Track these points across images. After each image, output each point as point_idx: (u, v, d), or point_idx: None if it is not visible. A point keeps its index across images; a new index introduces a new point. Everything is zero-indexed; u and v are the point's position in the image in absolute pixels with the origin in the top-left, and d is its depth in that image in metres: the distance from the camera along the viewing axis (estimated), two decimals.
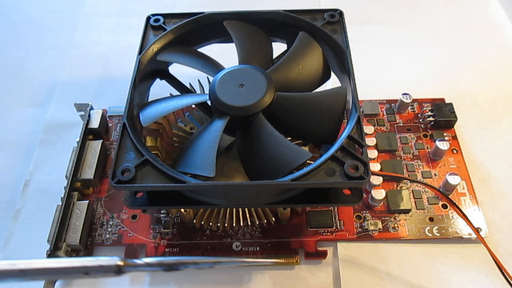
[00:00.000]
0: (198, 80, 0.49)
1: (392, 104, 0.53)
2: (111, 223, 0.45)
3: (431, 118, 0.50)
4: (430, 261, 0.42)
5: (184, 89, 0.46)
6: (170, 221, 0.44)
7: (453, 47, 0.61)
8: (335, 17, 0.45)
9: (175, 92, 0.46)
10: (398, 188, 0.46)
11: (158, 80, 0.46)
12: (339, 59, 0.43)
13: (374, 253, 0.43)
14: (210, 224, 0.42)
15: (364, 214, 0.45)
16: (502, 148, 0.50)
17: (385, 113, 0.52)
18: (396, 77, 0.57)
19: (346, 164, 0.34)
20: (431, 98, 0.53)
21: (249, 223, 0.43)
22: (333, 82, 0.45)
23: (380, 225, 0.44)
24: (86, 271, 0.22)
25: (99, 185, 0.47)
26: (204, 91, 0.48)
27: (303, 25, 0.44)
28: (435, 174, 0.47)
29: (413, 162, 0.48)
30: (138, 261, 0.23)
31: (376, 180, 0.45)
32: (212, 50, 0.46)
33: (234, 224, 0.42)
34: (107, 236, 0.44)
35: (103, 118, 0.50)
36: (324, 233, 0.44)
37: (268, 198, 0.38)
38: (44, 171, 0.50)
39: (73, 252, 0.43)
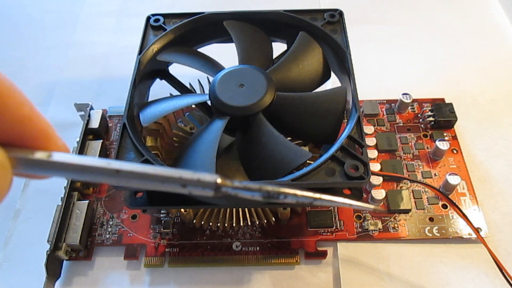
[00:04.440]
0: (198, 80, 0.49)
1: (392, 104, 0.53)
2: (111, 223, 0.45)
3: (431, 118, 0.50)
4: (430, 261, 0.42)
5: (184, 89, 0.46)
6: (170, 221, 0.44)
7: (453, 47, 0.61)
8: (335, 17, 0.45)
9: (175, 92, 0.46)
10: (398, 188, 0.46)
11: (158, 80, 0.46)
12: (339, 59, 0.43)
13: (374, 253, 0.43)
14: (210, 224, 0.42)
15: (364, 214, 0.45)
16: (502, 148, 0.50)
17: (385, 113, 0.52)
18: (396, 77, 0.57)
19: (346, 164, 0.34)
20: (431, 98, 0.53)
21: (249, 223, 0.43)
22: (333, 82, 0.45)
23: (380, 225, 0.44)
24: (184, 183, 0.21)
25: (99, 185, 0.47)
26: (204, 91, 0.48)
27: (303, 25, 0.44)
28: (435, 174, 0.47)
29: (413, 162, 0.48)
30: (237, 183, 0.22)
31: (376, 180, 0.45)
32: (212, 50, 0.46)
33: (234, 224, 0.42)
34: (107, 236, 0.44)
35: (103, 118, 0.50)
36: (324, 233, 0.44)
37: None
38: None
39: (73, 252, 0.43)
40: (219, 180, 0.21)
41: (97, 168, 0.20)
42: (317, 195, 0.23)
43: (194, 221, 0.42)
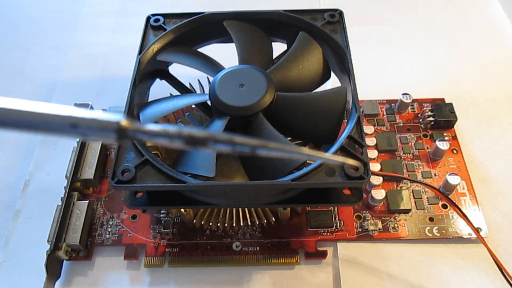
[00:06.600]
0: (198, 80, 0.49)
1: (392, 104, 0.53)
2: (111, 223, 0.45)
3: (431, 118, 0.50)
4: (430, 261, 0.42)
5: (184, 89, 0.46)
6: (170, 221, 0.44)
7: (453, 47, 0.61)
8: (335, 17, 0.45)
9: (175, 92, 0.46)
10: (398, 188, 0.46)
11: (158, 80, 0.46)
12: (339, 59, 0.43)
13: (374, 253, 0.43)
14: (210, 224, 0.42)
15: (364, 214, 0.45)
16: (502, 148, 0.50)
17: (385, 113, 0.52)
18: (396, 77, 0.57)
19: (346, 164, 0.34)
20: (431, 98, 0.53)
21: (249, 223, 0.43)
22: (333, 82, 0.45)
23: (380, 225, 0.44)
24: (74, 123, 0.16)
25: (99, 185, 0.47)
26: (204, 91, 0.48)
27: (303, 25, 0.44)
28: (435, 174, 0.47)
29: (413, 162, 0.48)
30: (150, 127, 0.16)
31: (376, 180, 0.45)
32: (212, 50, 0.46)
33: (234, 224, 0.42)
34: (107, 236, 0.44)
35: None
36: (324, 233, 0.44)
37: (268, 198, 0.38)
38: (44, 171, 0.50)
39: (73, 252, 0.43)
40: (124, 122, 0.16)
41: None
42: (258, 142, 0.18)
43: (194, 221, 0.42)
